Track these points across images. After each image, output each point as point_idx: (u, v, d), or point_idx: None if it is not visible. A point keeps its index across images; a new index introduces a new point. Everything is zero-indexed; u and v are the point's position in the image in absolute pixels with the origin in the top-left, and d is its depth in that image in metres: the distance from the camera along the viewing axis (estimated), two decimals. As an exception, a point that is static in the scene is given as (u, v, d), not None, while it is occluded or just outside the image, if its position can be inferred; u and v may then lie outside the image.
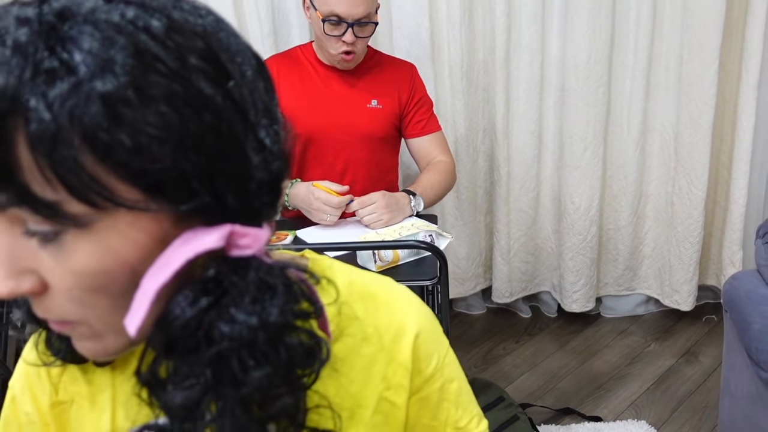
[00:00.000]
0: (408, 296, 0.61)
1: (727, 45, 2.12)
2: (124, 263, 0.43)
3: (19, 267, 0.43)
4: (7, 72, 0.37)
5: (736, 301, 1.11)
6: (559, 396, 2.08)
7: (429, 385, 0.60)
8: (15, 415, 0.61)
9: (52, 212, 0.40)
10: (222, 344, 0.43)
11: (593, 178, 2.28)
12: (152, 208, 0.42)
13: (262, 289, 0.44)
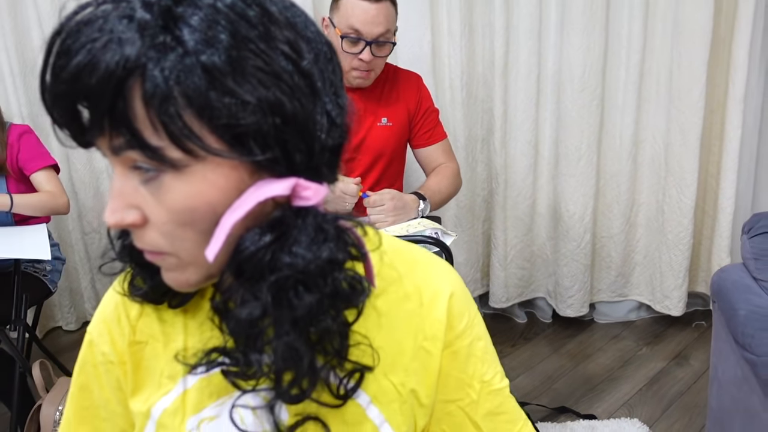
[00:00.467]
0: (444, 263, 0.70)
1: (715, 60, 2.23)
2: (207, 203, 0.52)
3: (127, 202, 0.53)
4: (132, 44, 0.47)
5: (723, 291, 1.20)
6: (555, 396, 2.15)
7: (460, 341, 0.67)
8: (92, 356, 0.69)
9: (156, 155, 0.50)
10: (281, 272, 0.52)
11: (587, 186, 2.37)
12: (233, 157, 0.51)
13: (317, 232, 0.53)
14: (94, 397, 0.69)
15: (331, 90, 0.55)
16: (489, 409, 0.70)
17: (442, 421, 0.70)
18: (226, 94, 0.49)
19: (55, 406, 1.73)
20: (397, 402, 0.64)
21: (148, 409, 0.65)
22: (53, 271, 2.05)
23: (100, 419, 0.70)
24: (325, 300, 0.53)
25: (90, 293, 2.76)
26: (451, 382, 0.68)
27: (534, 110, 2.34)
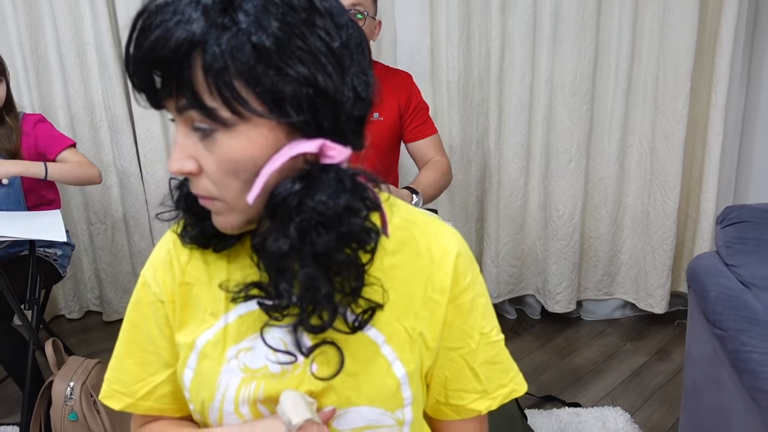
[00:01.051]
0: (452, 229, 0.80)
1: (699, 70, 2.35)
2: (249, 157, 0.63)
3: (186, 154, 0.64)
4: (197, 23, 0.58)
5: (697, 275, 1.30)
6: (542, 386, 2.25)
7: (463, 296, 0.77)
8: (144, 296, 0.79)
9: (211, 115, 0.61)
10: (306, 214, 0.62)
11: (576, 188, 2.48)
12: (272, 119, 0.62)
13: (338, 184, 0.64)
14: (143, 332, 0.79)
15: (359, 69, 0.65)
16: (486, 358, 0.80)
17: (444, 367, 0.80)
18: (271, 68, 0.59)
19: (66, 382, 1.81)
20: (407, 343, 0.74)
21: (193, 341, 0.75)
22: (63, 256, 2.14)
23: (147, 352, 0.80)
24: (342, 239, 0.64)
25: (93, 283, 2.85)
26: (454, 332, 0.78)
27: (527, 114, 2.45)
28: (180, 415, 0.83)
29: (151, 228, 2.71)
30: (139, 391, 0.81)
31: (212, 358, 0.73)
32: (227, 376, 0.73)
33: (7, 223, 1.80)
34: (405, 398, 0.74)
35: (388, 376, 0.73)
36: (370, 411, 0.72)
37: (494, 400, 0.81)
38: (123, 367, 0.82)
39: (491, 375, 0.81)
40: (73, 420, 1.80)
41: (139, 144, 2.60)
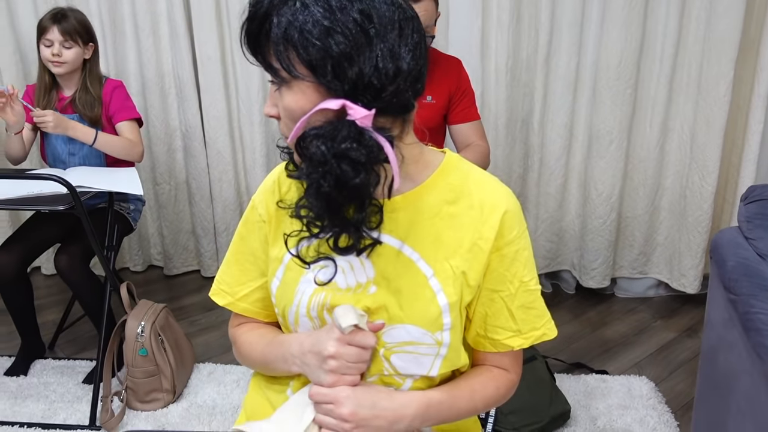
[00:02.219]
0: (507, 189, 0.93)
1: (743, 59, 2.41)
2: (299, 108, 0.80)
3: (272, 102, 0.84)
4: (270, 2, 0.77)
5: (719, 247, 1.41)
6: (572, 354, 2.38)
7: (507, 247, 0.90)
8: (252, 215, 0.98)
9: (275, 74, 0.79)
10: (312, 152, 0.77)
11: (616, 168, 2.58)
12: (312, 81, 0.78)
13: (347, 134, 0.77)
14: (247, 245, 0.99)
15: (389, 52, 0.77)
16: (523, 303, 0.93)
17: (486, 305, 0.94)
18: (316, 39, 0.75)
19: (138, 321, 2.02)
20: (451, 279, 0.89)
21: (281, 256, 0.93)
22: (135, 210, 2.35)
23: (249, 262, 0.99)
24: (335, 178, 0.77)
25: (156, 239, 3.07)
26: (496, 276, 0.91)
27: (571, 96, 2.55)
28: (267, 321, 1.03)
29: (211, 191, 2.91)
30: (239, 292, 1.01)
31: (294, 270, 0.91)
32: (303, 286, 0.90)
33: (91, 177, 2.01)
34: (444, 324, 0.88)
35: (432, 303, 0.88)
36: (415, 330, 0.87)
37: (526, 340, 0.95)
38: (229, 271, 1.01)
39: (526, 318, 0.94)
40: (143, 355, 2.01)
41: (204, 112, 2.79)
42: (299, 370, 0.91)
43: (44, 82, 2.16)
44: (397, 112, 0.83)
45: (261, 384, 1.04)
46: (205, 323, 2.66)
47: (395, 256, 0.88)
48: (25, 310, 2.21)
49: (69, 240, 2.16)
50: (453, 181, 0.91)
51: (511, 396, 0.99)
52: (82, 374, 2.25)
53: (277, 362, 0.94)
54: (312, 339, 0.88)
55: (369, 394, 0.85)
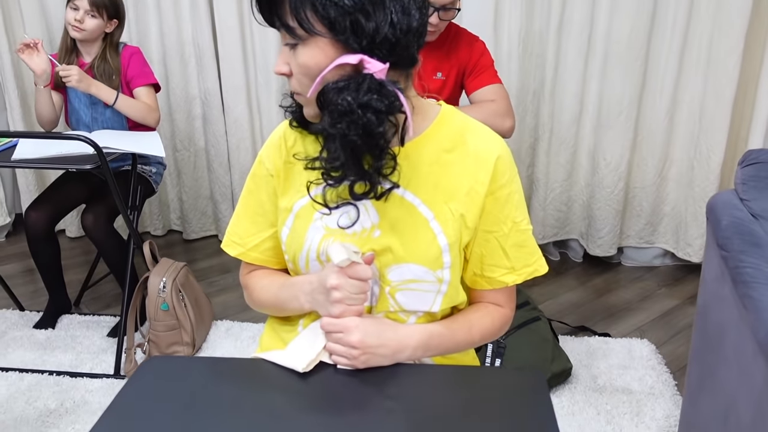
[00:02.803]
0: (498, 137, 1.00)
1: (753, 32, 2.43)
2: (316, 64, 0.86)
3: (283, 61, 0.90)
4: None
5: (713, 207, 1.47)
6: (577, 318, 2.45)
7: (500, 190, 0.98)
8: (259, 170, 1.05)
9: (292, 32, 0.85)
10: (336, 105, 0.84)
11: (625, 139, 2.63)
12: (330, 37, 0.84)
13: (361, 87, 0.84)
14: (256, 198, 1.06)
15: (399, 6, 0.84)
16: (515, 242, 1.01)
17: (481, 246, 1.01)
18: (328, 2, 0.82)
19: (159, 278, 2.12)
20: (450, 221, 0.96)
21: (291, 206, 1.00)
22: (157, 174, 2.44)
23: (258, 214, 1.06)
24: (359, 127, 0.84)
25: (176, 205, 3.17)
26: (491, 218, 0.99)
27: (582, 66, 2.60)
28: (277, 267, 1.10)
29: (229, 157, 3.00)
30: (249, 243, 1.08)
31: (304, 218, 0.98)
32: (313, 233, 0.97)
33: (115, 139, 2.10)
34: (444, 262, 0.96)
35: (433, 244, 0.96)
36: (417, 268, 0.95)
37: (520, 276, 1.03)
38: (239, 224, 1.09)
39: (519, 256, 1.02)
40: (164, 310, 2.11)
41: (223, 80, 2.86)
42: (310, 307, 0.99)
43: (66, 45, 2.25)
44: (405, 66, 0.90)
45: (275, 325, 1.13)
46: (222, 284, 2.77)
47: (398, 201, 0.96)
48: (52, 266, 2.32)
49: (94, 201, 2.26)
50: (449, 131, 0.98)
51: (505, 330, 1.07)
52: (107, 328, 2.36)
53: (290, 302, 1.02)
54: (318, 277, 0.96)
55: (376, 325, 0.94)
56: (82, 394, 2.00)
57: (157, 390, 0.88)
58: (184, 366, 0.96)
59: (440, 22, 1.91)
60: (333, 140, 0.86)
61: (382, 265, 0.96)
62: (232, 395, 0.86)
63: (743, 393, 1.27)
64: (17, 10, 2.82)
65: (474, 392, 0.88)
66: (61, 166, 1.92)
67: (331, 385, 0.90)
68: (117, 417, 0.83)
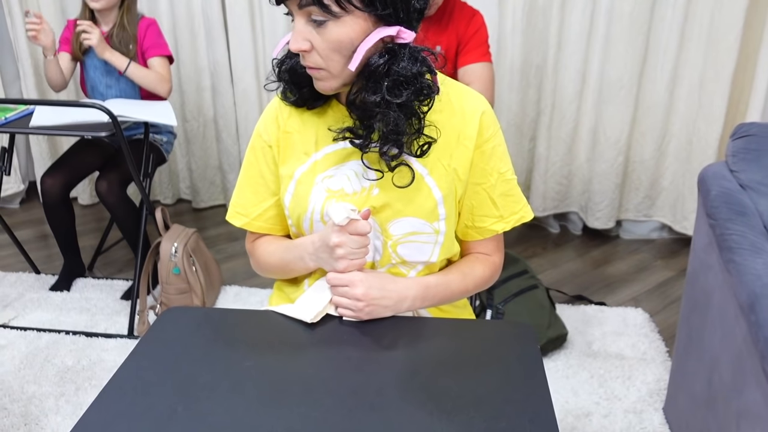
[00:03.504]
0: (481, 96, 1.08)
1: (753, 9, 2.47)
2: (350, 39, 0.91)
3: (303, 37, 0.93)
4: None
5: (705, 179, 1.53)
6: (574, 287, 2.53)
7: (486, 144, 1.06)
8: (257, 142, 1.11)
9: (326, 9, 0.89)
10: (393, 76, 0.91)
11: (625, 114, 2.68)
12: (366, 11, 0.90)
13: (412, 56, 0.92)
14: (256, 169, 1.12)
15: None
16: (502, 191, 1.09)
17: (471, 198, 1.09)
18: None
19: (171, 243, 2.20)
20: (444, 175, 1.04)
21: (292, 173, 1.07)
22: (167, 143, 2.50)
23: (259, 185, 1.12)
24: (416, 93, 0.93)
25: (185, 174, 3.24)
26: (479, 171, 1.07)
27: (585, 42, 2.64)
28: (281, 234, 1.17)
29: (238, 128, 3.06)
30: (253, 212, 1.14)
31: (305, 183, 1.06)
32: (315, 196, 1.05)
33: (129, 108, 2.16)
34: (440, 214, 1.04)
35: (429, 197, 1.03)
36: (416, 221, 1.04)
37: (507, 223, 1.11)
38: (242, 195, 1.15)
39: (506, 204, 1.10)
40: (176, 273, 2.20)
41: (231, 52, 2.92)
42: (315, 266, 1.07)
43: (85, 16, 2.30)
44: (415, 32, 0.97)
45: (282, 286, 1.20)
46: (230, 251, 2.85)
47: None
48: (68, 231, 2.41)
49: (107, 168, 2.33)
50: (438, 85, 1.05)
51: (496, 278, 1.15)
52: (120, 292, 2.45)
53: (295, 262, 1.10)
54: (321, 236, 1.03)
55: (378, 278, 1.01)
56: (97, 352, 2.09)
57: (177, 336, 0.96)
58: (201, 316, 1.03)
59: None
60: (392, 108, 0.93)
61: (382, 220, 1.04)
62: (244, 341, 0.94)
63: (725, 353, 1.34)
64: (30, -19, 2.87)
65: (467, 342, 0.96)
66: (77, 133, 1.98)
67: (335, 334, 0.97)
68: (142, 359, 0.90)
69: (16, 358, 2.05)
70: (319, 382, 0.85)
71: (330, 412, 0.79)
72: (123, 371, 0.88)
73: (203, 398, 0.81)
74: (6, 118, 2.07)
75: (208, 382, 0.84)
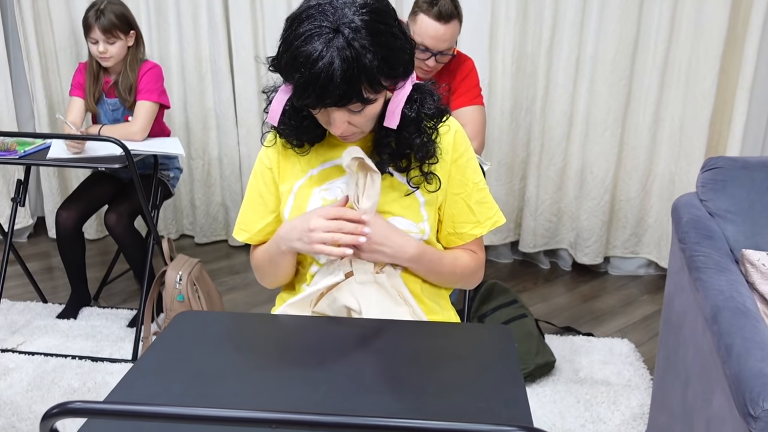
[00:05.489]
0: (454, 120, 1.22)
1: (729, 54, 2.64)
2: (380, 108, 1.08)
3: (344, 121, 1.08)
4: (350, 59, 1.00)
5: (677, 208, 1.65)
6: (563, 320, 2.62)
7: (461, 158, 1.20)
8: (259, 166, 1.26)
9: (367, 102, 1.03)
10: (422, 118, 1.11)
11: (610, 154, 2.82)
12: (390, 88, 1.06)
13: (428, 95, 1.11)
14: (257, 190, 1.26)
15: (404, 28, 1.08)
16: (477, 199, 1.23)
17: (451, 207, 1.23)
18: (389, 66, 1.03)
19: (176, 271, 2.30)
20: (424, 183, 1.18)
21: (290, 188, 1.21)
22: (174, 178, 2.63)
23: (258, 204, 1.26)
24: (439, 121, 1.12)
25: (189, 210, 3.36)
26: (456, 182, 1.21)
27: (571, 86, 2.80)
28: None
29: (241, 165, 3.19)
30: (254, 228, 1.28)
31: (303, 195, 1.20)
32: (312, 205, 1.18)
33: (140, 144, 2.30)
34: (423, 215, 1.18)
35: (413, 199, 1.18)
36: (403, 221, 1.17)
37: (484, 228, 1.25)
38: (245, 213, 1.29)
39: (481, 210, 1.24)
40: (180, 300, 2.29)
41: (237, 94, 3.07)
42: (287, 248, 1.16)
43: (92, 69, 2.40)
44: None
45: (284, 297, 1.31)
46: (231, 284, 2.94)
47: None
48: (79, 262, 2.51)
49: (117, 201, 2.45)
50: None
51: (481, 275, 1.28)
52: (124, 320, 2.54)
53: (273, 251, 1.21)
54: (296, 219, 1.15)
55: (385, 227, 1.14)
56: (102, 376, 2.17)
57: (191, 333, 1.06)
58: (212, 318, 1.14)
59: (437, 64, 2.11)
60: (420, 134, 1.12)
61: None
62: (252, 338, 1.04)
63: (696, 366, 1.44)
64: (48, 24, 3.04)
65: (451, 340, 1.06)
66: (93, 165, 2.11)
67: (334, 335, 1.07)
68: (158, 354, 1.00)
69: (24, 381, 2.13)
70: (319, 371, 0.95)
71: (328, 395, 0.89)
72: (143, 361, 0.98)
73: (214, 383, 0.91)
74: (25, 151, 2.20)
75: (219, 370, 0.94)
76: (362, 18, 1.00)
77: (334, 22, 0.99)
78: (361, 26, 0.99)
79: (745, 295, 1.28)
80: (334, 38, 0.98)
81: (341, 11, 1.00)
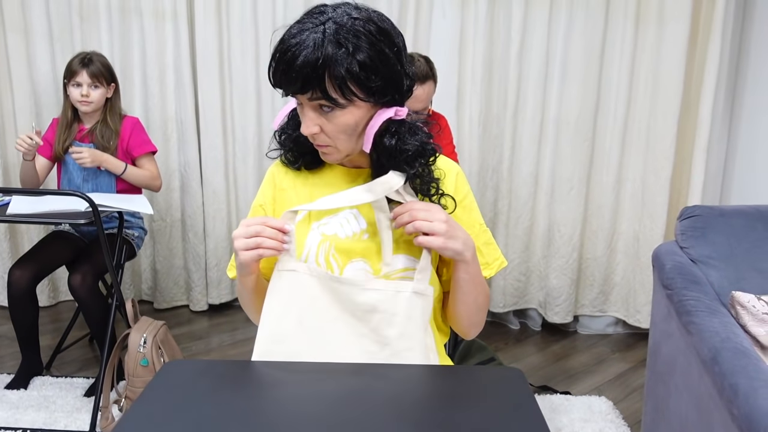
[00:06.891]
0: (454, 163, 1.21)
1: (685, 117, 2.76)
2: (355, 123, 1.05)
3: (314, 122, 1.05)
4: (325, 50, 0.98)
5: (658, 255, 1.67)
6: (538, 379, 2.58)
7: (465, 199, 1.19)
8: (254, 204, 1.22)
9: (334, 102, 1.01)
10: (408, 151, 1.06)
11: (577, 212, 2.87)
12: (368, 101, 1.03)
13: (413, 130, 1.06)
14: None
15: (406, 60, 1.06)
16: (484, 240, 1.21)
17: None
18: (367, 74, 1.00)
19: (140, 334, 2.19)
20: None
21: None
22: (138, 238, 2.54)
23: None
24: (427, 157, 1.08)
25: (148, 275, 3.23)
26: (464, 224, 1.17)
27: (536, 147, 2.86)
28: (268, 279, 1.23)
29: (205, 227, 3.11)
30: None
31: (302, 230, 1.15)
32: (311, 240, 1.14)
33: (106, 200, 2.21)
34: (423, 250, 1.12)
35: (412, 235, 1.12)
36: (404, 257, 1.13)
37: (492, 270, 1.22)
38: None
39: (488, 252, 1.22)
40: (144, 365, 2.17)
41: (203, 154, 3.03)
42: (238, 264, 1.10)
43: (67, 117, 2.40)
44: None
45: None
46: (194, 350, 2.81)
47: None
48: (31, 326, 2.36)
49: (79, 261, 2.34)
50: None
51: (488, 305, 1.23)
52: (80, 389, 2.38)
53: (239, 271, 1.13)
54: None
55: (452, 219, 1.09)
56: (57, 448, 2.00)
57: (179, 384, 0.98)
58: (200, 366, 1.06)
59: None
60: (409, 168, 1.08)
61: (376, 261, 1.13)
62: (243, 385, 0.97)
63: (692, 413, 1.42)
64: (7, 82, 2.96)
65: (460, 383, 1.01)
66: (56, 221, 2.02)
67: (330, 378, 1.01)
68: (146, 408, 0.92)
69: (-31, 456, 1.95)
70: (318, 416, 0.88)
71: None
72: (132, 413, 0.89)
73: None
74: (-19, 207, 2.09)
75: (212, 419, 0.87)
76: (354, 20, 1.00)
77: (326, 20, 1.00)
78: (349, 26, 0.99)
79: (741, 336, 1.28)
80: (318, 27, 0.99)
81: (339, 11, 1.01)
